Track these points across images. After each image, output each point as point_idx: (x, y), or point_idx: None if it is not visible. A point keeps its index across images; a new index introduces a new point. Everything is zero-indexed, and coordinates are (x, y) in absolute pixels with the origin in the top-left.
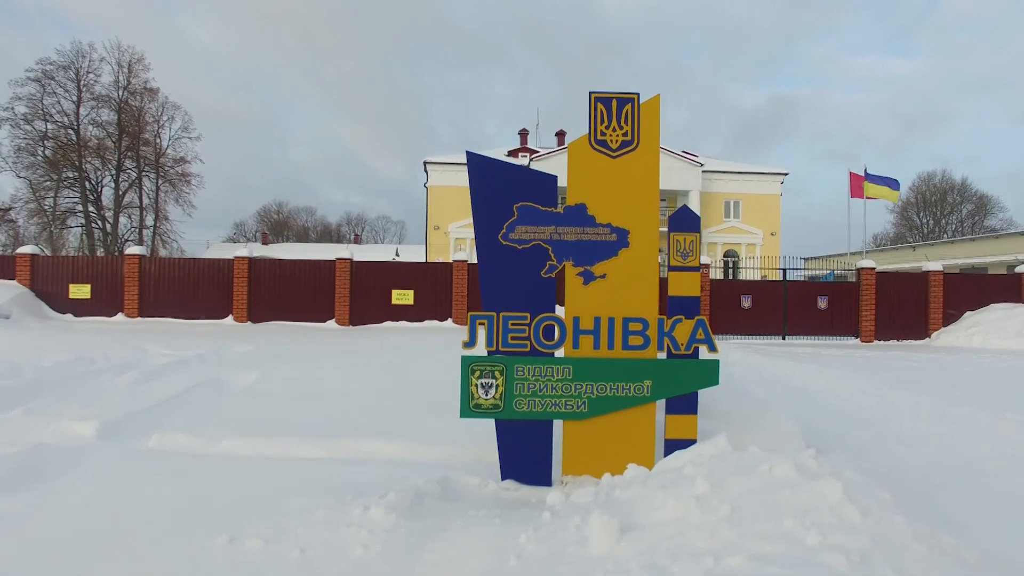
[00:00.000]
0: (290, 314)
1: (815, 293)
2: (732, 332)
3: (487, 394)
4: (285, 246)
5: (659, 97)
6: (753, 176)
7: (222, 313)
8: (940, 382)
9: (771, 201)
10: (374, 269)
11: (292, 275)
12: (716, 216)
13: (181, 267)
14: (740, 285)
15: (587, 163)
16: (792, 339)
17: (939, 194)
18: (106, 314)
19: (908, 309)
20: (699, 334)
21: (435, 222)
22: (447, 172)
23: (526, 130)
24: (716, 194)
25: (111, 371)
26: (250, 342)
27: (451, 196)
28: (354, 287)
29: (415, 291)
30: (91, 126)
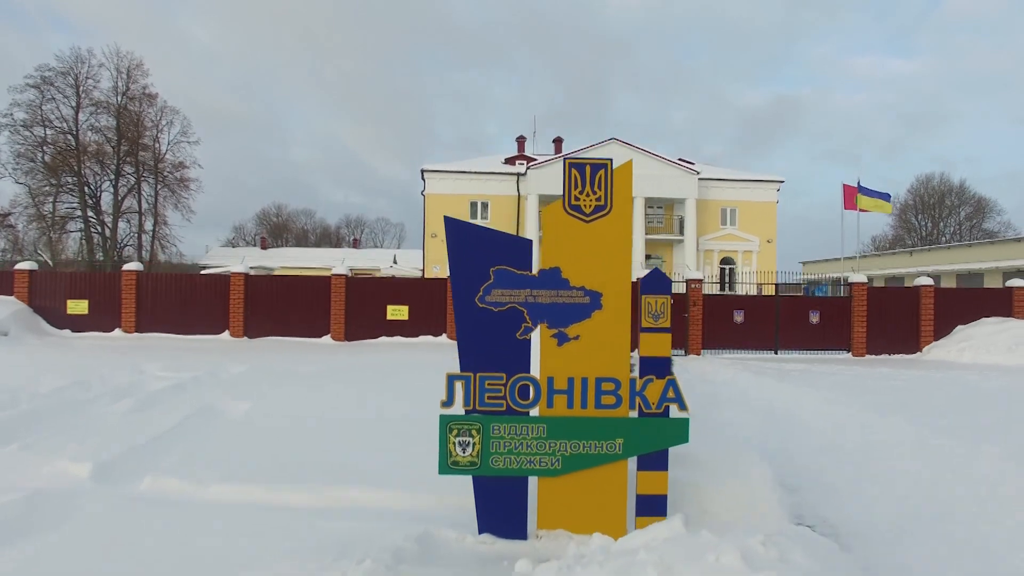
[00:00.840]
0: (286, 329)
1: (807, 308)
2: (725, 346)
3: (464, 451)
4: (283, 251)
5: (631, 163)
6: (749, 183)
7: (219, 328)
8: (924, 407)
9: (767, 208)
10: (369, 285)
11: (288, 291)
12: (713, 223)
13: (178, 283)
14: (733, 300)
15: (561, 227)
16: (784, 354)
17: (937, 197)
18: (104, 329)
19: (899, 323)
20: (670, 393)
21: (432, 230)
22: (444, 180)
23: (523, 137)
24: (713, 201)
25: (108, 397)
26: (245, 361)
27: (448, 204)
28: (349, 303)
29: (410, 306)
30: (90, 132)
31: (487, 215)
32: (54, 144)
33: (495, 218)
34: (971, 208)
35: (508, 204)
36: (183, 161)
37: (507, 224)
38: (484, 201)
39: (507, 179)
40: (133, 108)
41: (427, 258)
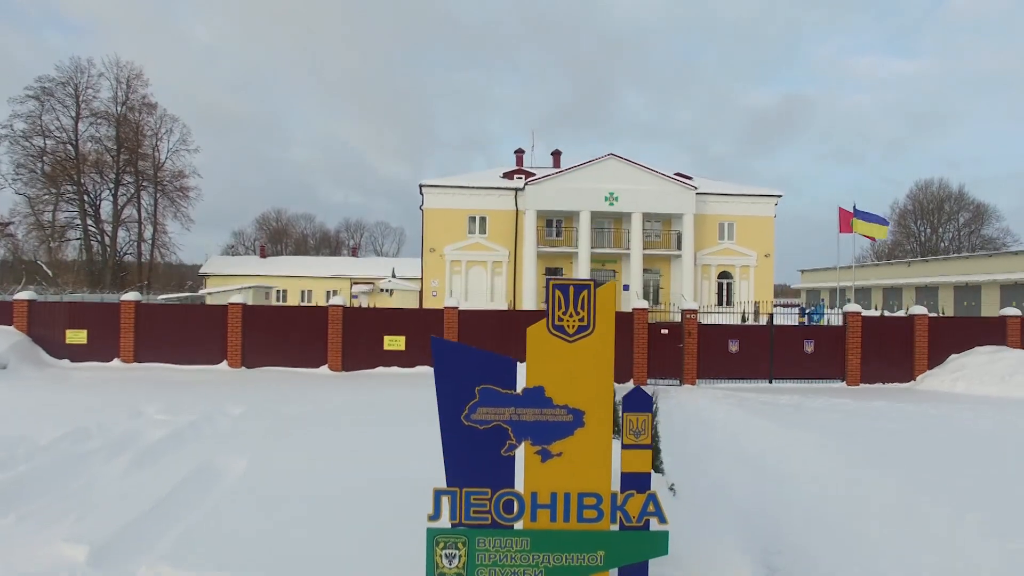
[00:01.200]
0: (284, 359)
1: (801, 337)
2: (719, 376)
3: (451, 563)
4: (283, 260)
5: (614, 284)
6: (747, 198)
7: (217, 358)
8: (914, 458)
9: (765, 223)
10: (366, 316)
11: (285, 321)
12: (710, 238)
13: (176, 313)
14: (727, 330)
15: (545, 347)
16: (779, 383)
17: (936, 202)
18: (102, 359)
19: (893, 352)
20: (650, 508)
21: (431, 244)
22: (443, 195)
23: (522, 150)
24: (710, 216)
25: (106, 451)
26: (242, 400)
27: (446, 218)
28: (346, 333)
29: (407, 337)
30: (90, 142)
31: (485, 230)
32: (54, 154)
33: (493, 232)
34: (970, 214)
35: (506, 219)
36: (182, 170)
37: (505, 238)
38: (482, 216)
39: (505, 194)
40: (132, 117)
41: (425, 272)
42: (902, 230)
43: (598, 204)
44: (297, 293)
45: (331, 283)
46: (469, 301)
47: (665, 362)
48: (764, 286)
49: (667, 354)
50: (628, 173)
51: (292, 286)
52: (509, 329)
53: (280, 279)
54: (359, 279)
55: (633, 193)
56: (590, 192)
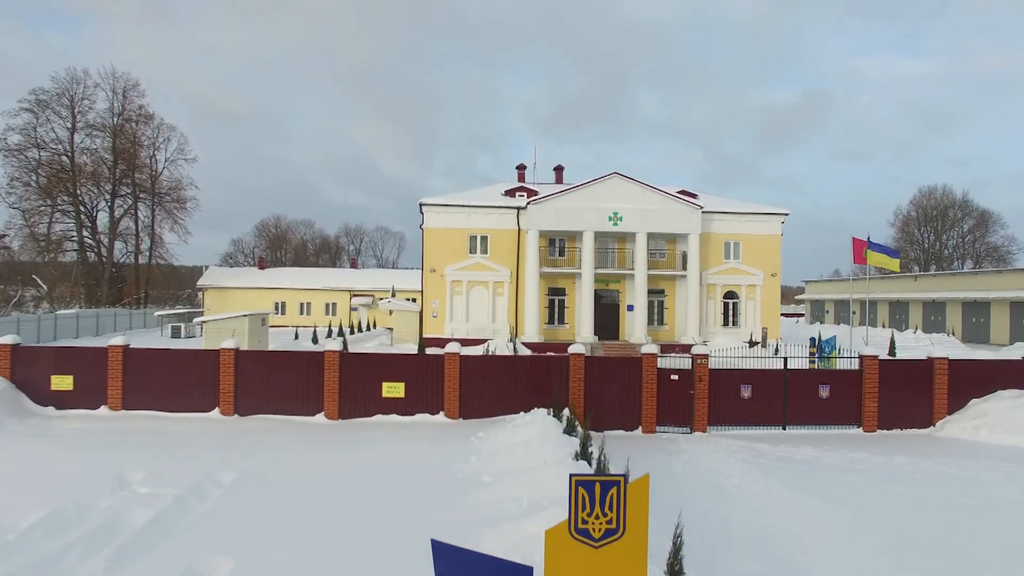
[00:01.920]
0: (278, 406)
1: (816, 382)
2: (732, 423)
3: None
4: (282, 272)
5: (648, 477)
6: (753, 216)
7: (209, 405)
8: (937, 539)
9: (771, 242)
10: (364, 361)
11: (280, 366)
12: (716, 257)
13: (166, 358)
14: (739, 375)
15: (567, 554)
16: (793, 429)
17: (940, 209)
18: (89, 406)
19: (912, 396)
20: None
21: (431, 264)
22: (443, 214)
23: (524, 165)
24: (715, 235)
25: (83, 545)
26: (233, 464)
27: (447, 238)
28: (343, 379)
29: (406, 383)
30: (85, 153)
31: (487, 249)
32: (49, 166)
33: (495, 252)
34: (974, 221)
35: (508, 238)
36: (179, 182)
37: (507, 258)
38: (483, 235)
39: (507, 213)
40: (129, 128)
41: (425, 293)
42: (905, 236)
43: (602, 224)
44: (296, 306)
45: (330, 295)
46: (470, 322)
47: (675, 408)
48: (771, 306)
49: (677, 400)
50: (632, 192)
51: (291, 299)
52: (514, 376)
53: (279, 291)
54: (358, 291)
55: (637, 212)
56: (594, 211)
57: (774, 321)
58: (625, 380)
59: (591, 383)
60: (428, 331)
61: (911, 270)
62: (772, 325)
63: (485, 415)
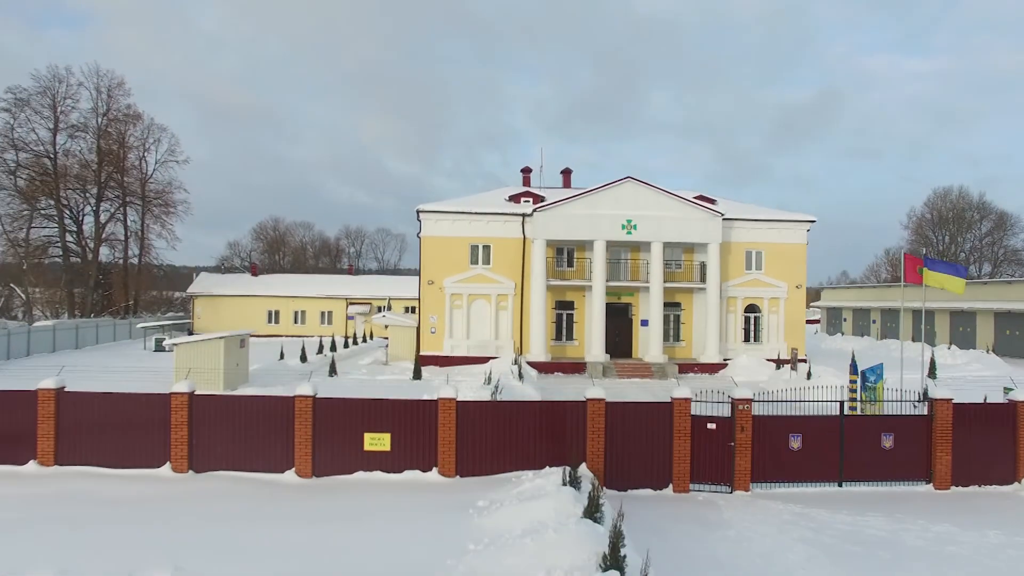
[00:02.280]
0: (242, 459)
1: (878, 430)
2: (779, 479)
3: None
4: (275, 279)
5: None
6: (776, 224)
7: (159, 459)
8: None
9: (796, 251)
10: (342, 409)
11: (243, 413)
12: (737, 268)
13: (110, 404)
14: (787, 422)
15: None
16: (851, 486)
17: (956, 211)
18: (16, 461)
19: (991, 446)
20: None
21: (429, 276)
22: (442, 221)
23: (529, 168)
24: (737, 244)
25: None
26: (169, 557)
27: (446, 248)
28: (318, 429)
29: (392, 434)
30: (67, 155)
31: (489, 260)
32: (29, 168)
33: (498, 263)
34: (992, 223)
35: (512, 247)
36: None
37: (512, 270)
38: (486, 244)
39: (511, 220)
40: (116, 129)
41: (423, 307)
42: (919, 239)
43: (614, 232)
44: (290, 314)
45: (326, 303)
46: (471, 339)
47: (712, 462)
48: (796, 320)
49: (715, 452)
50: (647, 198)
51: (284, 307)
52: (521, 425)
53: (272, 299)
54: (355, 299)
55: (653, 220)
56: (605, 219)
57: (799, 337)
58: (653, 429)
59: (613, 433)
60: (426, 348)
61: None
62: (797, 341)
63: (486, 471)
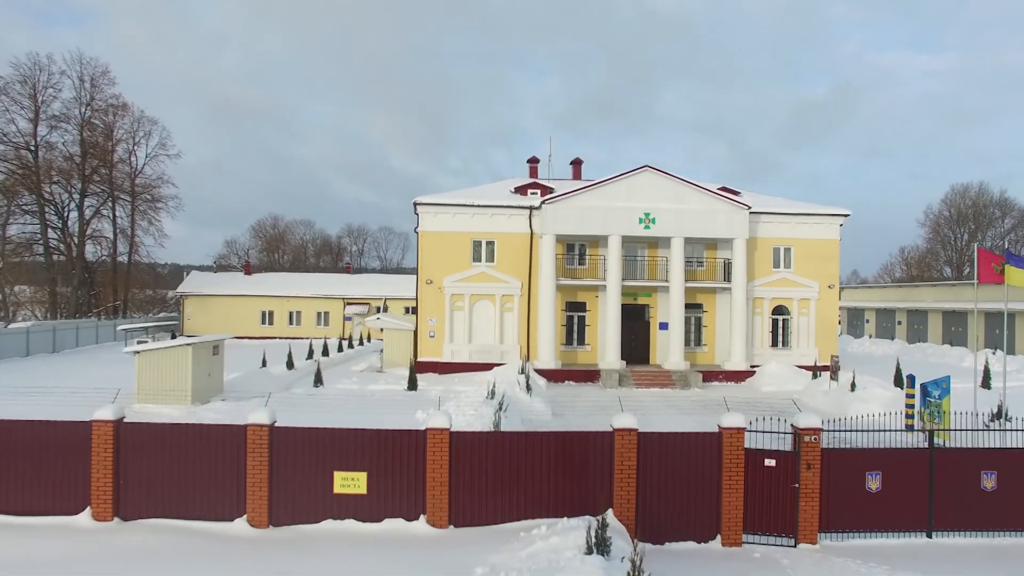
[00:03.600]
0: (180, 504)
1: (977, 467)
2: (854, 527)
3: None
4: (269, 277)
5: None
6: (807, 218)
7: (77, 505)
8: None
9: (828, 248)
10: (307, 440)
11: (183, 445)
12: (764, 266)
13: (14, 434)
14: (862, 456)
15: None
16: (943, 536)
17: (976, 207)
18: None
19: None
20: None
21: (427, 275)
22: (442, 215)
23: (536, 159)
24: (764, 239)
25: None
26: None
27: (447, 244)
28: (277, 466)
29: (369, 473)
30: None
31: (493, 257)
32: (8, 161)
33: (503, 260)
34: (1014, 220)
35: (519, 243)
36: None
37: (518, 268)
38: (489, 240)
39: (518, 213)
40: (101, 120)
41: (421, 308)
42: (937, 237)
43: (631, 227)
44: (284, 315)
45: (322, 304)
46: (473, 343)
47: (771, 507)
48: (827, 323)
49: (774, 495)
50: (667, 189)
51: (279, 307)
52: (531, 460)
53: (265, 299)
54: (353, 299)
55: (673, 214)
56: (621, 212)
57: (831, 341)
58: (696, 466)
59: (647, 470)
60: (424, 353)
61: (943, 275)
62: (829, 346)
63: (487, 520)
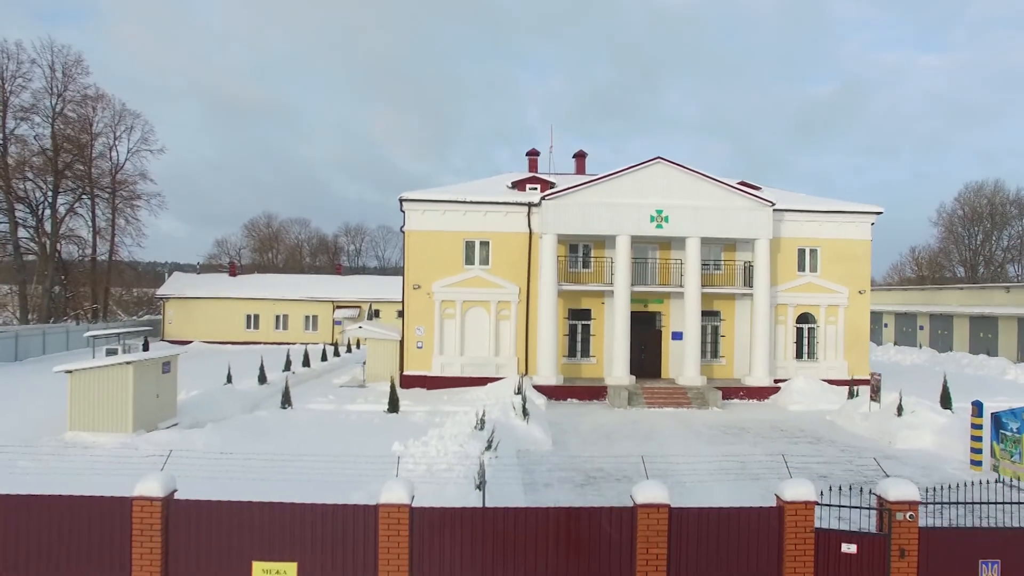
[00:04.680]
0: None
1: None
2: None
3: None
4: (256, 279)
5: None
6: (835, 216)
7: None
8: None
9: (858, 249)
10: (217, 518)
11: (43, 528)
12: (787, 269)
13: None
14: (977, 539)
15: None
16: None
17: (992, 206)
18: None
19: None
20: None
21: (415, 278)
22: (431, 213)
23: (536, 151)
24: (787, 240)
25: None
26: None
27: (436, 245)
28: (174, 555)
29: (301, 565)
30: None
31: (488, 259)
32: None
33: (499, 263)
34: None
35: (516, 244)
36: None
37: (515, 271)
38: (484, 240)
39: (515, 211)
40: (76, 112)
41: (408, 316)
42: (951, 236)
43: (641, 225)
44: (271, 319)
45: (311, 307)
46: (465, 355)
47: None
48: (858, 332)
49: None
50: (682, 184)
51: (265, 311)
52: (517, 552)
53: (251, 302)
54: (343, 302)
55: (689, 211)
56: (631, 209)
57: (862, 353)
58: (748, 554)
59: (680, 561)
60: (411, 366)
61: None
62: (860, 358)
63: None
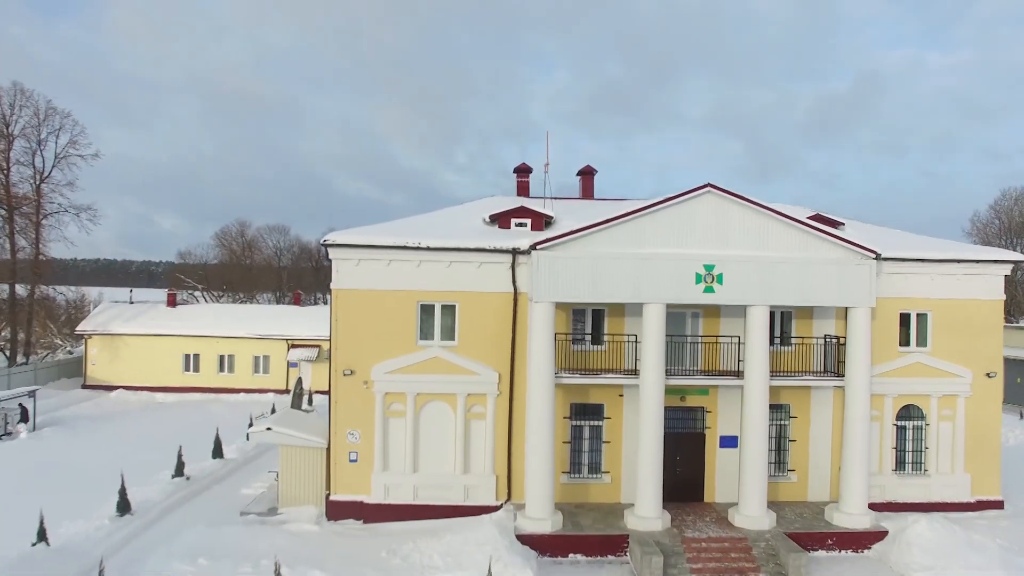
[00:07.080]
0: None
1: None
2: None
3: None
4: (196, 310)
5: None
6: (953, 267)
7: None
8: None
9: (987, 313)
10: None
11: None
12: (884, 343)
13: None
14: None
15: None
16: None
17: None
18: None
19: None
20: None
21: (346, 360)
22: (370, 262)
23: (527, 167)
24: (885, 301)
25: None
26: None
27: (377, 309)
28: None
29: None
30: None
31: (453, 331)
32: None
33: (468, 336)
34: None
35: (495, 308)
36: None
37: (494, 349)
38: (448, 303)
39: (494, 261)
40: None
41: (335, 415)
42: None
43: (682, 289)
44: (213, 360)
45: (261, 345)
46: (420, 472)
47: None
48: (983, 432)
49: None
50: (742, 224)
51: (207, 350)
52: None
53: (190, 340)
54: (299, 341)
55: (752, 266)
56: (665, 264)
57: (990, 462)
58: None
59: None
60: (342, 487)
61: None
62: (987, 468)
63: None
